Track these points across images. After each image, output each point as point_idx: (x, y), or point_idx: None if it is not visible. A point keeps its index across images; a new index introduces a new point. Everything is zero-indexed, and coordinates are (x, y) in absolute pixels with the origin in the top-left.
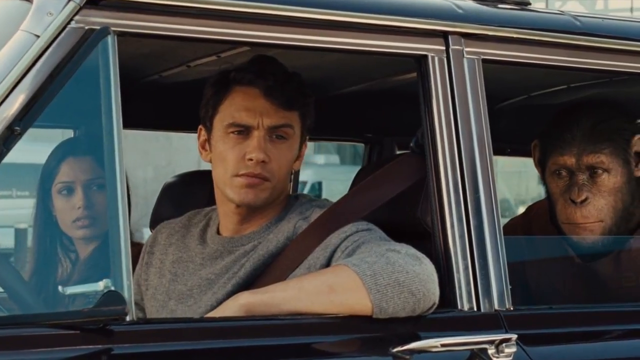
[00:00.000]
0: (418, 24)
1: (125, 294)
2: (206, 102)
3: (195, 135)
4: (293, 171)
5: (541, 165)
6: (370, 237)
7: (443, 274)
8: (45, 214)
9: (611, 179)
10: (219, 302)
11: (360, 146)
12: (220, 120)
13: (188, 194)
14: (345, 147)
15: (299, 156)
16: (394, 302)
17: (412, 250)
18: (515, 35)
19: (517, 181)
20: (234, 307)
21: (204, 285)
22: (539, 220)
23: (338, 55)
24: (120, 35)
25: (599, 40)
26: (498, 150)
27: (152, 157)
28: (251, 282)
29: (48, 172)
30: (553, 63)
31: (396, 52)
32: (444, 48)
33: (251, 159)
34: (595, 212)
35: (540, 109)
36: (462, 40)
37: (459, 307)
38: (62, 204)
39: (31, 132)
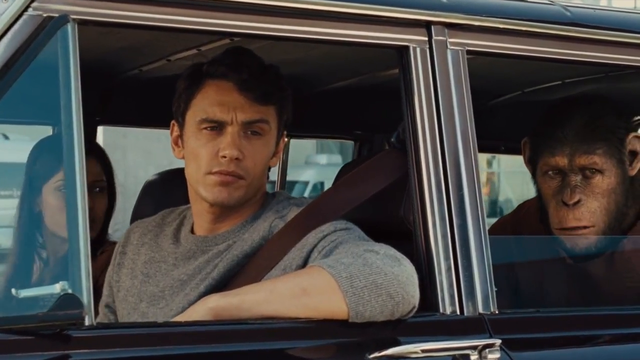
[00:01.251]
0: (399, 14)
1: (84, 297)
2: (178, 96)
3: None
4: (270, 168)
5: (532, 164)
6: (348, 237)
7: (424, 275)
8: (30, 213)
9: (605, 180)
10: (191, 304)
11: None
12: (193, 116)
13: (169, 192)
14: (348, 146)
15: (276, 152)
16: (371, 306)
17: (392, 251)
18: (501, 26)
19: (521, 181)
20: (201, 310)
21: (176, 286)
22: (529, 219)
23: (323, 49)
24: (81, 23)
25: (590, 32)
26: (492, 148)
27: (154, 157)
28: (225, 283)
29: (40, 169)
30: (542, 55)
31: (376, 43)
32: (426, 39)
33: (224, 156)
34: (588, 214)
35: (534, 105)
36: (446, 30)
37: (441, 310)
38: (60, 202)
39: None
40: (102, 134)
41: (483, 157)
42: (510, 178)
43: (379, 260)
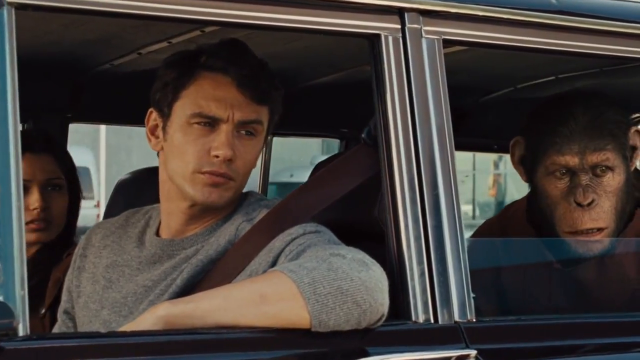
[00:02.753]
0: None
1: (17, 306)
2: (164, 85)
3: None
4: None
5: (524, 164)
6: (317, 240)
7: (396, 281)
8: None
9: (615, 178)
10: None
11: None
12: (182, 108)
13: (143, 191)
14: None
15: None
16: (335, 314)
17: (360, 255)
18: (481, 13)
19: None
20: (151, 319)
21: (140, 292)
22: (516, 221)
23: (302, 42)
24: (20, 8)
25: (578, 20)
26: (484, 147)
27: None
28: (189, 290)
29: None
30: (525, 45)
31: (345, 32)
32: (399, 26)
33: (217, 156)
34: (603, 215)
35: (528, 102)
36: (420, 18)
37: (414, 318)
38: None
39: None
40: (105, 134)
41: (490, 158)
42: (518, 179)
43: (345, 264)
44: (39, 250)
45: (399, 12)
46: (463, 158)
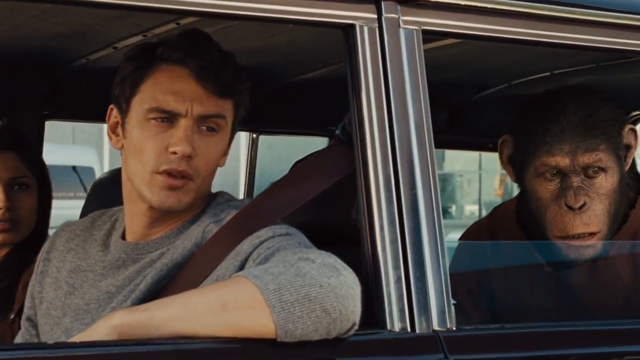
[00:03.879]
0: None
1: None
2: (122, 79)
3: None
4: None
5: (513, 164)
6: (287, 243)
7: (371, 287)
8: None
9: (609, 179)
10: None
11: None
12: (140, 103)
13: (119, 192)
14: None
15: (227, 152)
16: (302, 322)
17: (331, 259)
18: (463, 2)
19: None
20: (104, 328)
21: (103, 299)
22: (505, 223)
23: (285, 36)
24: None
25: (567, 10)
26: (479, 146)
27: None
28: (154, 296)
29: None
30: (510, 36)
31: (318, 21)
32: (375, 16)
33: (175, 152)
34: (595, 218)
35: (524, 99)
36: (398, 7)
37: (389, 327)
38: None
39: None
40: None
41: (496, 158)
42: None
43: (314, 270)
44: (9, 253)
45: (375, 1)
46: (469, 158)
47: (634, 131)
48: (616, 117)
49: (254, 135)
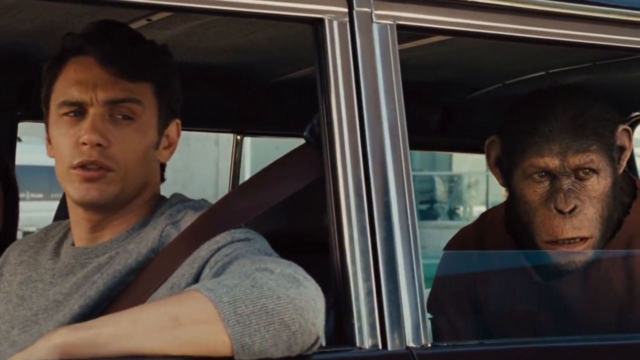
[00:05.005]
0: None
1: None
2: (42, 81)
3: (213, 138)
4: (161, 163)
5: (500, 166)
6: (246, 251)
7: (339, 300)
8: None
9: (601, 182)
10: None
11: None
12: (54, 101)
13: None
14: None
15: (168, 145)
16: (260, 336)
17: (290, 270)
18: None
19: None
20: (45, 348)
21: (50, 308)
22: (494, 230)
23: (266, 34)
24: None
25: (553, 4)
26: (473, 148)
27: (170, 160)
28: (104, 304)
29: None
30: (493, 32)
31: (284, 15)
32: (346, 10)
33: (85, 143)
34: (587, 223)
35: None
36: (371, 0)
37: (359, 344)
38: None
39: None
40: None
41: None
42: None
43: (272, 280)
44: None
45: None
46: (477, 159)
47: (628, 132)
48: (609, 116)
49: (238, 137)
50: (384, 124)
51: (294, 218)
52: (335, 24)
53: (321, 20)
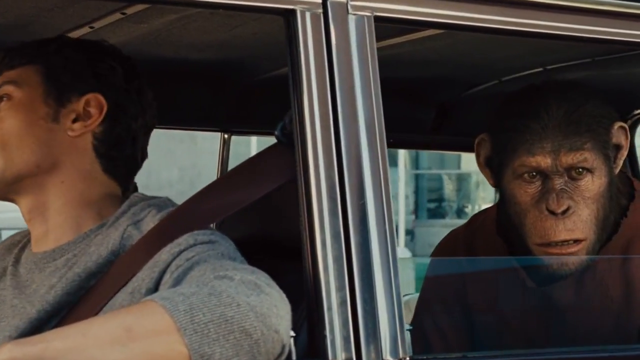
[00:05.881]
0: None
1: None
2: None
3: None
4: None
5: (490, 166)
6: (209, 255)
7: (311, 310)
8: None
9: (595, 182)
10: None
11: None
12: None
13: None
14: None
15: (84, 118)
16: (220, 346)
17: (253, 276)
18: None
19: None
20: None
21: (8, 314)
22: (484, 233)
23: (250, 28)
24: None
25: None
26: (469, 147)
27: (177, 158)
28: (64, 311)
29: None
30: (479, 24)
31: (254, 6)
32: (319, 1)
33: None
34: (581, 224)
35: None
36: None
37: (331, 357)
38: None
39: None
40: None
41: None
42: None
43: (232, 288)
44: None
45: None
46: None
47: (625, 129)
48: (604, 113)
49: (226, 136)
50: (360, 123)
51: (270, 222)
52: (308, 15)
53: (293, 12)
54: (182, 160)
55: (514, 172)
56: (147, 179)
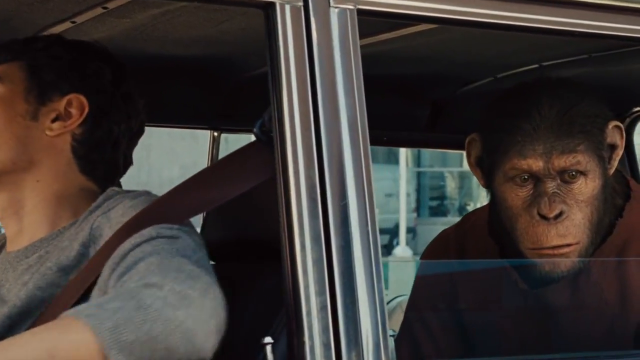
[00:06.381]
0: None
1: None
2: None
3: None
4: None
5: (481, 166)
6: (164, 249)
7: (290, 315)
8: None
9: (589, 184)
10: None
11: None
12: None
13: None
14: None
15: (64, 118)
16: None
17: (185, 285)
18: None
19: None
20: None
21: None
22: (476, 234)
23: (237, 23)
24: None
25: None
26: (464, 145)
27: (179, 156)
28: (35, 311)
29: None
30: (466, 18)
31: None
32: None
33: None
34: (573, 229)
35: None
36: None
37: None
38: None
39: None
40: None
41: None
42: None
43: (160, 300)
44: None
45: None
46: None
47: (620, 129)
48: (598, 112)
49: (215, 134)
50: (342, 120)
51: (253, 222)
52: (287, 8)
53: (272, 5)
54: (183, 158)
55: (505, 174)
56: (148, 177)
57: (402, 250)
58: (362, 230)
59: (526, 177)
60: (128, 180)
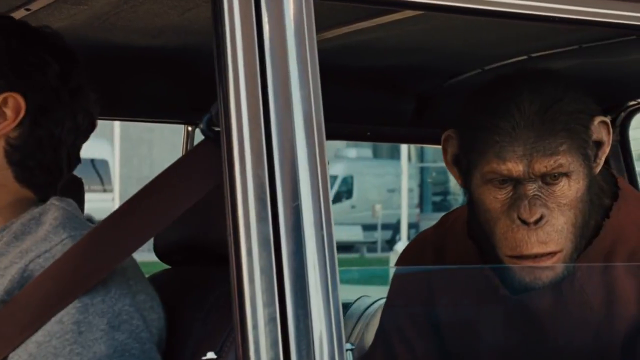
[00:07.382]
0: None
1: None
2: None
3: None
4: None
5: (458, 164)
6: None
7: (235, 329)
8: None
9: (573, 186)
10: None
11: None
12: None
13: None
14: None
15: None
16: None
17: (81, 316)
18: None
19: None
20: None
21: None
22: (455, 235)
23: (205, 11)
24: None
25: None
26: None
27: (180, 153)
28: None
29: None
30: (441, 3)
31: None
32: None
33: None
34: (555, 235)
35: None
36: None
37: None
38: None
39: None
40: (126, 128)
41: None
42: None
43: (58, 339)
44: None
45: None
46: None
47: (606, 124)
48: (583, 108)
49: (189, 128)
50: (296, 114)
51: (203, 226)
52: None
53: None
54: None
55: (482, 176)
56: (151, 171)
57: (403, 245)
58: (316, 235)
59: (505, 180)
60: (131, 176)
